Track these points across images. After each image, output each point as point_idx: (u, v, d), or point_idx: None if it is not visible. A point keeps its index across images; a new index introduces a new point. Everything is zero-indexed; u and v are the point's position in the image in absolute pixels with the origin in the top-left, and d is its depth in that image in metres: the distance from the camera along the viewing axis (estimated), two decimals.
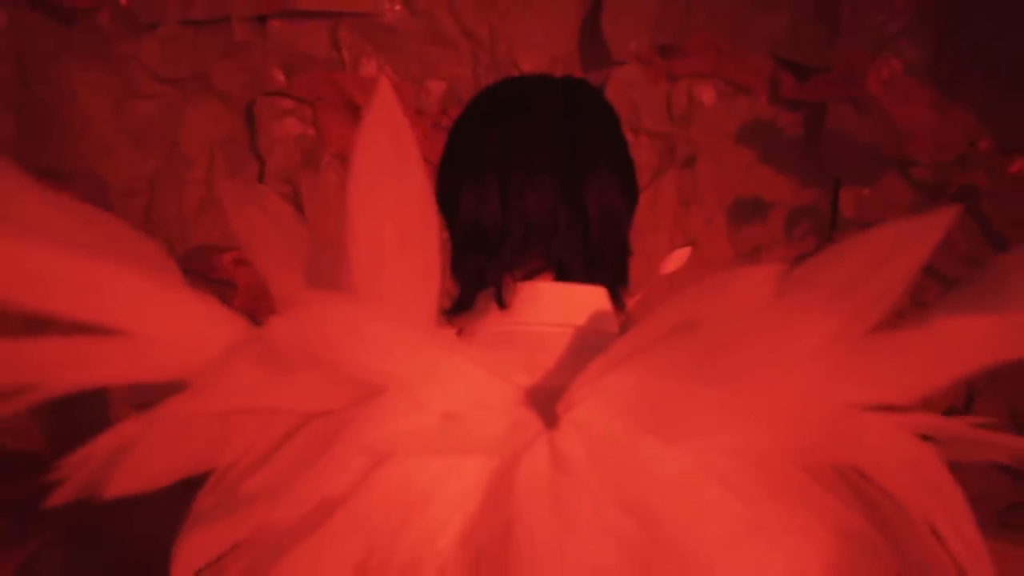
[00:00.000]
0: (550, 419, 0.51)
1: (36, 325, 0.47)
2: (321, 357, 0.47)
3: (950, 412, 1.82)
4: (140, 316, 0.47)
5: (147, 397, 0.49)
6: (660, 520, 0.47)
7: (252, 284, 1.82)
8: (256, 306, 1.80)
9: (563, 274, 0.63)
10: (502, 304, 0.62)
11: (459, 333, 0.65)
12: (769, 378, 0.48)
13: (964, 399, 1.82)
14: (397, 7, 1.87)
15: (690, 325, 0.47)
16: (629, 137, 1.99)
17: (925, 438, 0.53)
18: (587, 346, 0.56)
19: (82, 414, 1.78)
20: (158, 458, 0.48)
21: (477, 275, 0.63)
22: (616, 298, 0.67)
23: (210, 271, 1.84)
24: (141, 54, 1.84)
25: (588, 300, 0.63)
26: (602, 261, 0.64)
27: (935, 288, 1.84)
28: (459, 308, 0.64)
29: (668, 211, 1.92)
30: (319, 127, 1.89)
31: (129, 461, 0.48)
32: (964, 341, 0.49)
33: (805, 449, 0.49)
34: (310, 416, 0.48)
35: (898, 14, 1.76)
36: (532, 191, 0.61)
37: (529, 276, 0.63)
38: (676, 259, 0.75)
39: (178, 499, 1.47)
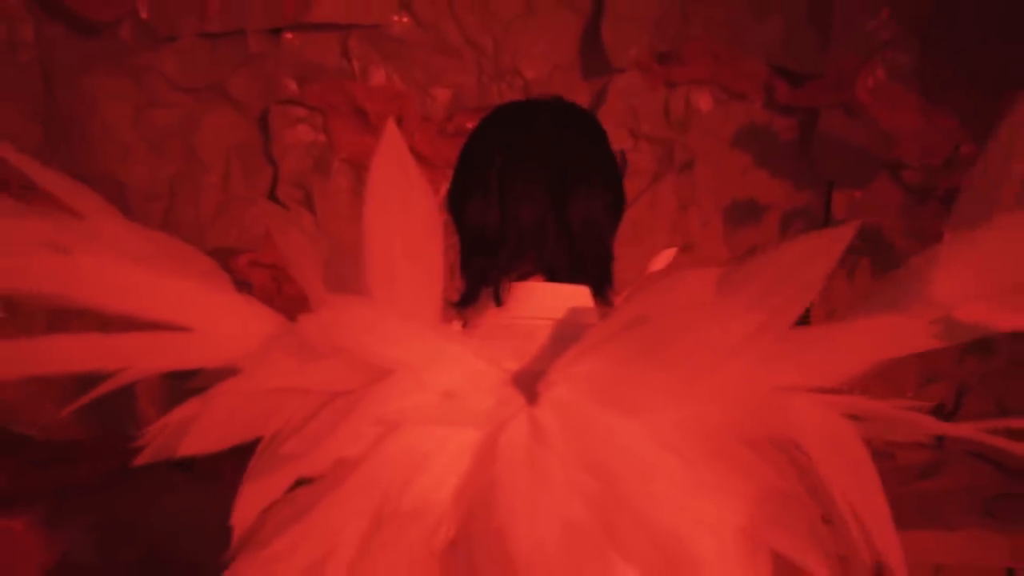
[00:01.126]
0: (532, 397, 0.61)
1: (118, 323, 0.60)
2: (342, 347, 0.58)
3: (940, 409, 1.87)
4: (201, 315, 0.60)
5: (205, 382, 0.61)
6: (617, 480, 0.56)
7: (266, 285, 1.90)
8: (270, 305, 1.87)
9: (552, 276, 0.72)
10: (499, 302, 0.71)
11: (465, 324, 0.74)
12: (708, 362, 0.57)
13: (954, 397, 1.87)
14: (404, 19, 1.94)
15: (644, 319, 0.56)
16: (628, 142, 2.04)
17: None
18: (567, 336, 0.63)
19: (108, 408, 1.86)
20: (217, 427, 0.59)
21: (480, 275, 0.73)
22: (602, 296, 0.75)
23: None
24: (160, 65, 1.91)
25: (572, 298, 0.71)
26: (585, 266, 0.73)
27: None
28: (465, 302, 0.74)
29: (667, 213, 1.98)
30: (330, 134, 1.97)
31: (195, 429, 0.58)
32: (873, 335, 0.58)
33: (739, 422, 0.58)
34: (334, 394, 0.59)
35: (886, 23, 1.82)
36: (526, 204, 0.71)
37: (523, 277, 0.72)
38: (663, 259, 0.83)
39: (193, 496, 1.54)
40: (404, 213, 0.59)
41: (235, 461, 0.99)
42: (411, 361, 0.59)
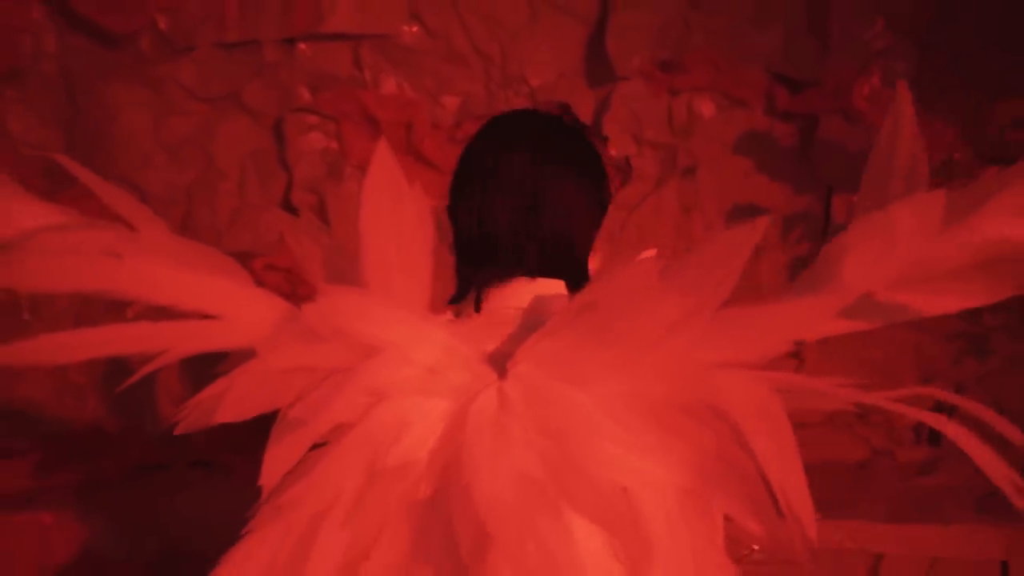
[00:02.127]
0: (502, 373, 0.72)
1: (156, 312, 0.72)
2: (339, 330, 0.69)
3: (938, 408, 1.91)
4: (226, 305, 0.72)
5: (231, 366, 0.72)
6: (569, 442, 0.66)
7: (280, 286, 1.95)
8: None
9: (529, 274, 0.82)
10: (478, 308, 0.81)
11: (457, 315, 0.83)
12: (648, 341, 0.67)
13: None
14: (414, 29, 1.99)
15: (594, 304, 0.66)
16: (632, 148, 2.09)
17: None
18: (535, 323, 0.73)
19: (129, 407, 1.92)
20: (244, 400, 0.70)
21: (465, 277, 0.84)
22: (578, 289, 0.82)
23: None
24: (178, 74, 1.97)
25: (546, 292, 0.81)
26: (559, 268, 0.82)
27: None
28: (456, 299, 0.84)
29: (670, 218, 2.03)
30: (342, 141, 2.02)
31: (225, 402, 0.69)
32: (790, 317, 0.66)
33: (677, 393, 0.67)
34: (335, 370, 0.70)
35: (883, 32, 1.87)
36: (503, 213, 0.80)
37: (503, 277, 0.82)
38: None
39: (211, 491, 1.60)
40: (395, 218, 0.70)
41: (248, 459, 1.05)
42: (398, 341, 0.69)
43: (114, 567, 1.53)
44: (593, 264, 0.86)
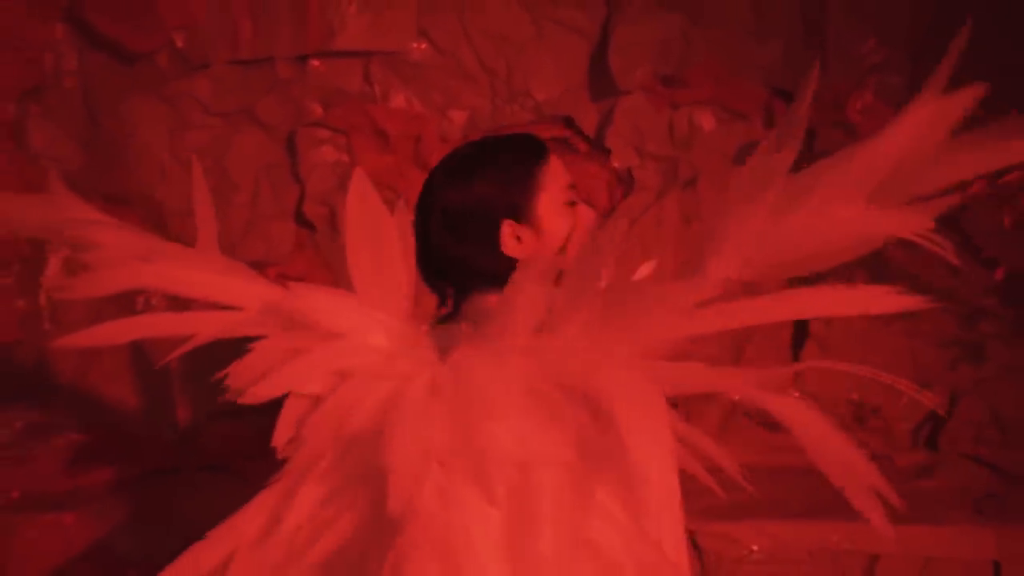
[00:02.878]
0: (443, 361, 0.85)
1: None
2: (309, 319, 0.84)
3: (933, 414, 1.95)
4: (238, 297, 0.89)
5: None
6: (475, 423, 0.76)
7: None
8: None
9: (476, 288, 0.96)
10: (437, 312, 1.00)
11: (444, 320, 1.00)
12: (543, 332, 0.78)
13: (948, 402, 1.94)
14: (423, 45, 2.05)
15: (507, 303, 0.79)
16: (635, 160, 2.14)
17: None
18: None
19: (146, 413, 1.97)
20: (254, 373, 0.86)
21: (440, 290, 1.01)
22: (463, 292, 0.99)
23: None
24: (194, 90, 2.02)
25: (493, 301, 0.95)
26: (460, 285, 0.98)
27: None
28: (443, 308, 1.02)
29: (672, 228, 2.07)
30: (352, 154, 2.07)
31: (236, 373, 0.87)
32: (665, 303, 0.74)
33: (564, 379, 0.77)
34: (310, 351, 0.85)
35: (878, 47, 1.92)
36: (418, 243, 0.96)
37: (459, 291, 0.99)
38: (643, 271, 0.95)
39: (225, 494, 1.64)
40: (374, 239, 0.84)
41: (260, 465, 1.10)
42: (356, 329, 0.84)
43: (133, 566, 1.58)
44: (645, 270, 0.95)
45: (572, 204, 0.96)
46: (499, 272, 0.88)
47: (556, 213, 0.95)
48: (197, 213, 0.95)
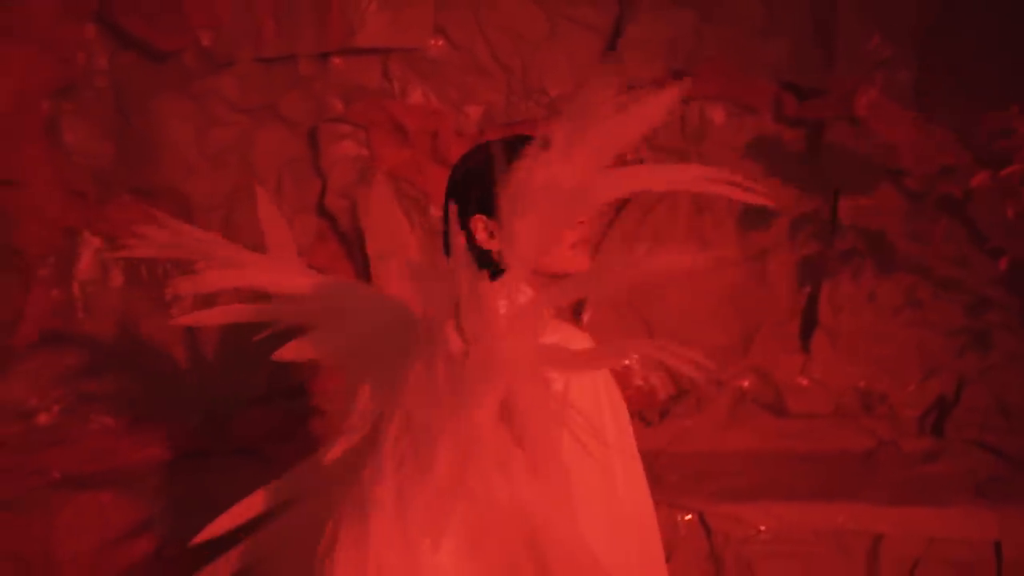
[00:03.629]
0: None
1: None
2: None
3: (940, 401, 1.99)
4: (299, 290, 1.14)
5: None
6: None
7: None
8: None
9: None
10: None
11: None
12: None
13: (954, 389, 1.99)
14: (440, 43, 2.11)
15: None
16: (647, 153, 2.18)
17: None
18: None
19: (175, 401, 2.05)
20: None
21: None
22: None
23: None
24: (220, 88, 2.09)
25: None
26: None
27: (928, 287, 2.02)
28: None
29: (684, 218, 2.13)
30: (372, 148, 2.14)
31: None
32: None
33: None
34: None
35: (885, 43, 1.96)
36: None
37: None
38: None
39: (254, 475, 1.70)
40: (396, 233, 0.94)
41: (287, 448, 1.15)
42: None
43: (168, 542, 1.66)
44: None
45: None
46: (482, 261, 0.98)
47: None
48: (266, 228, 1.23)
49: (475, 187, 1.01)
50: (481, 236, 1.00)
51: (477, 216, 1.00)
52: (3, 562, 1.64)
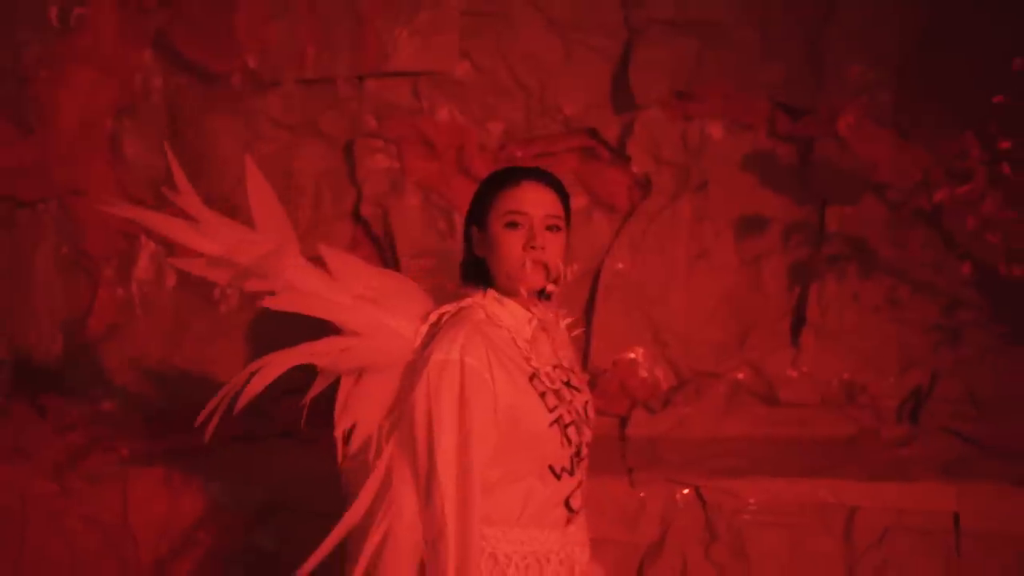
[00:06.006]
0: None
1: None
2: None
3: (916, 392, 2.17)
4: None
5: None
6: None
7: None
8: None
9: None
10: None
11: None
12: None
13: (929, 380, 2.16)
14: (465, 65, 2.28)
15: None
16: (652, 166, 2.40)
17: None
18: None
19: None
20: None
21: None
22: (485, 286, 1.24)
23: None
24: (265, 106, 2.28)
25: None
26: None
27: (906, 289, 2.20)
28: None
29: (684, 226, 2.28)
30: (403, 161, 2.30)
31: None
32: None
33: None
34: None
35: (869, 67, 2.14)
36: None
37: None
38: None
39: (297, 455, 1.93)
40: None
41: (325, 432, 1.32)
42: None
43: (227, 513, 1.86)
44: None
45: (510, 226, 1.14)
46: (469, 266, 1.21)
47: (498, 229, 1.15)
48: (254, 204, 1.27)
49: (474, 203, 1.21)
50: (477, 245, 1.20)
51: (473, 227, 1.21)
52: (88, 527, 1.86)
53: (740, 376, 2.21)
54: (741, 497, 1.77)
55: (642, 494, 1.79)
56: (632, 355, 2.24)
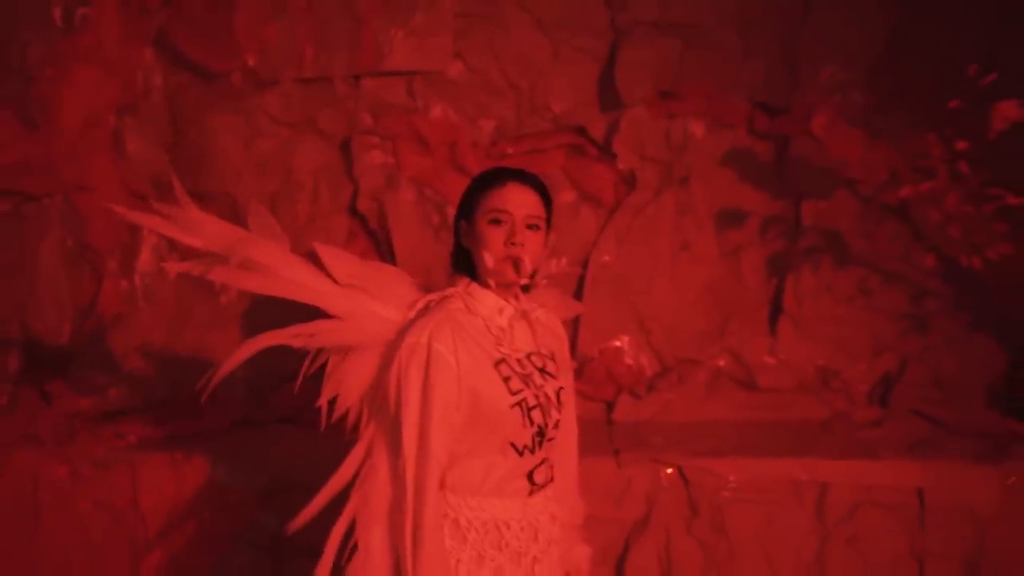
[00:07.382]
0: None
1: None
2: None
3: (886, 377, 2.28)
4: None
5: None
6: None
7: None
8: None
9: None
10: None
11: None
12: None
13: (898, 366, 2.28)
14: (458, 66, 2.35)
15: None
16: (637, 163, 2.51)
17: None
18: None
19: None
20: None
21: None
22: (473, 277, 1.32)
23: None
24: (264, 104, 2.34)
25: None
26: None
27: (877, 279, 2.30)
28: None
29: (668, 219, 2.36)
30: (398, 157, 2.37)
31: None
32: None
33: None
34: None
35: (841, 68, 2.24)
36: None
37: None
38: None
39: (298, 440, 2.02)
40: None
41: (327, 417, 1.40)
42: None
43: (233, 494, 1.94)
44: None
45: (494, 222, 1.23)
46: (457, 256, 1.30)
47: (483, 225, 1.24)
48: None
49: (464, 198, 1.30)
50: (464, 237, 1.29)
51: (462, 221, 1.30)
52: (99, 510, 1.93)
53: (721, 363, 2.30)
54: (721, 476, 1.87)
55: (628, 474, 1.88)
56: (618, 343, 2.33)
